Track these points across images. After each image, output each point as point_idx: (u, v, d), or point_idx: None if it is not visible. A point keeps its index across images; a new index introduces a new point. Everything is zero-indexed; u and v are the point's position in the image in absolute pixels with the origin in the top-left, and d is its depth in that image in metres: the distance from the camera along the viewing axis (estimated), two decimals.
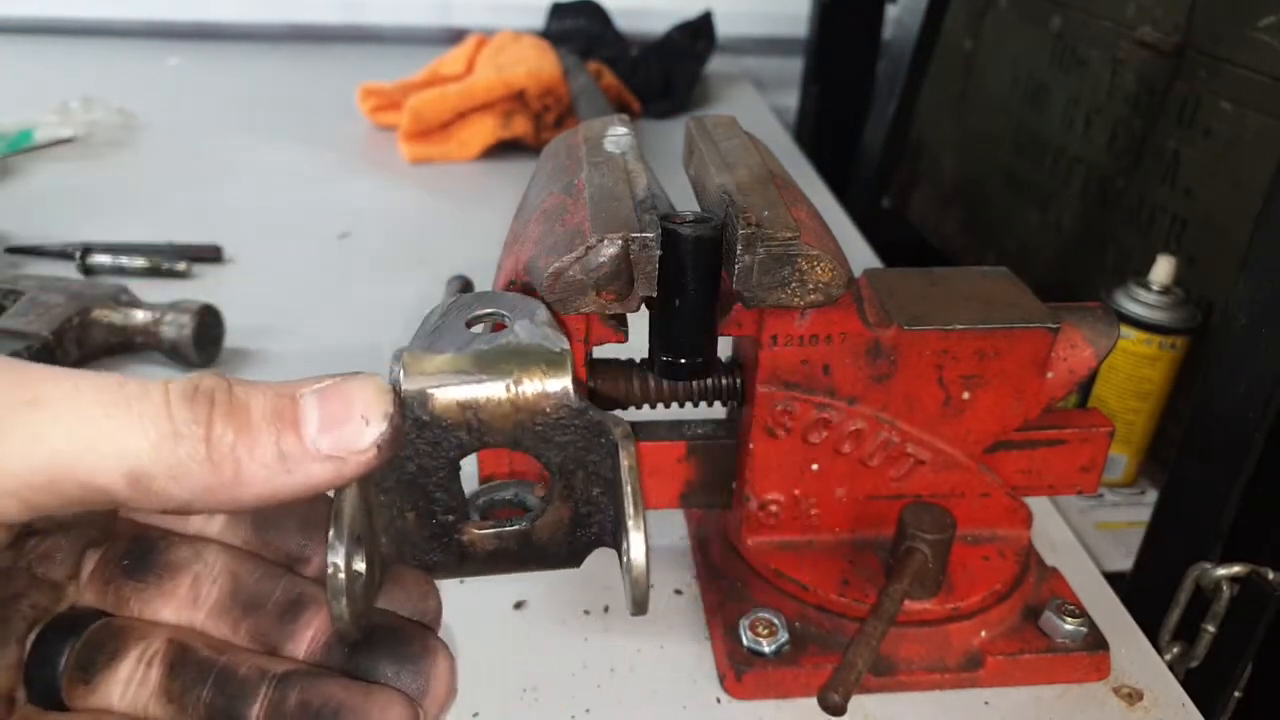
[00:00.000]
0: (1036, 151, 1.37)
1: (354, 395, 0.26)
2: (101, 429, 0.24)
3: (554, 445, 0.30)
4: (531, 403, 0.29)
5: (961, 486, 0.55)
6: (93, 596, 0.30)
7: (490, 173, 1.30)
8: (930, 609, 0.53)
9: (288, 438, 0.25)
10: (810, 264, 0.45)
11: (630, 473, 0.29)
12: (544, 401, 0.29)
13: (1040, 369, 0.52)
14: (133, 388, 0.25)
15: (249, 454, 0.25)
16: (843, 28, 1.69)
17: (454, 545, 0.32)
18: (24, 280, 0.82)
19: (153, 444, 0.24)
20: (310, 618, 0.30)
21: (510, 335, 0.30)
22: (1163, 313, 0.98)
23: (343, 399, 0.26)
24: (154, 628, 0.30)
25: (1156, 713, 0.53)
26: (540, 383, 0.29)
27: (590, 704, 0.52)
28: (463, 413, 0.29)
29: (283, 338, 0.86)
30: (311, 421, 0.26)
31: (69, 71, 1.64)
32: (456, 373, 0.29)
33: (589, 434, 0.30)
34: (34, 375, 0.24)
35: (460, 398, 0.29)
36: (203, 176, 1.23)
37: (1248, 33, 0.97)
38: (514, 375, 0.29)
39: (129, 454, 0.24)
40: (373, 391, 0.26)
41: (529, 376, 0.29)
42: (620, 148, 0.51)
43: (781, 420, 0.52)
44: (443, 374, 0.29)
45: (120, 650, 0.29)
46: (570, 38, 1.65)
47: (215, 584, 0.30)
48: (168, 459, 0.24)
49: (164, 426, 0.24)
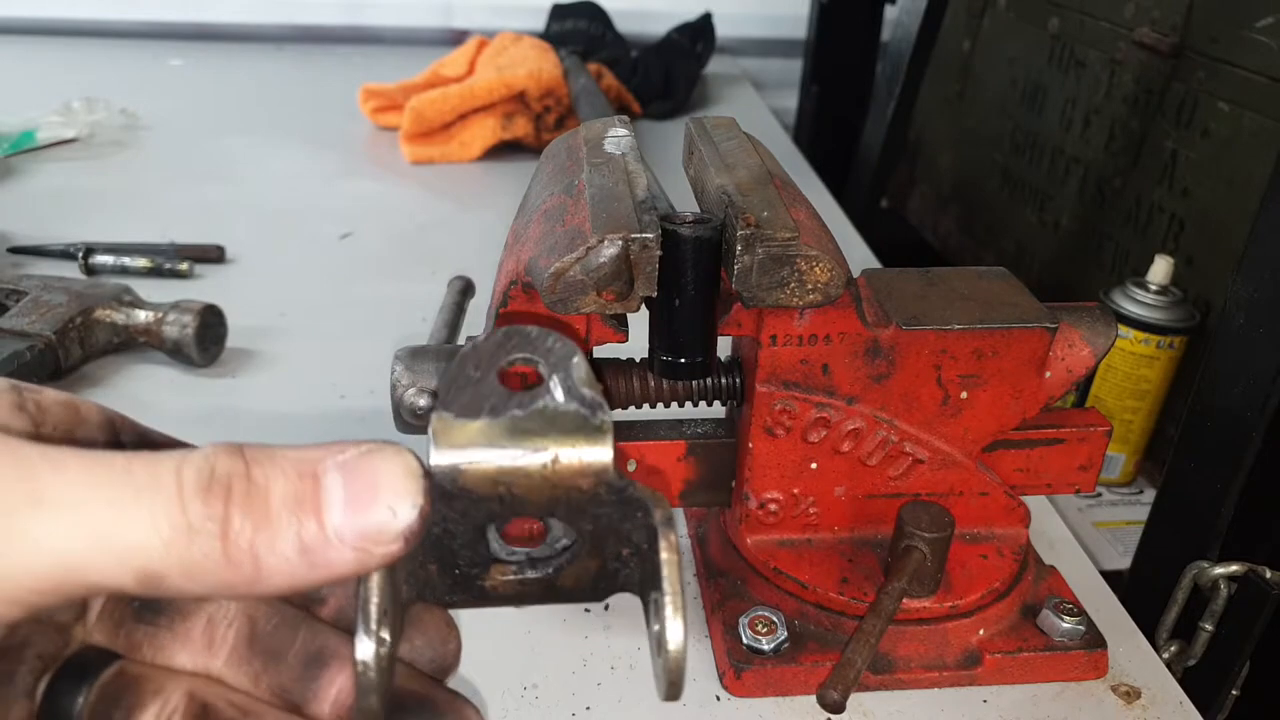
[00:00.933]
0: (1034, 152, 1.38)
1: (381, 479, 0.24)
2: (109, 526, 0.22)
3: (588, 516, 0.29)
4: (568, 479, 0.28)
5: (960, 485, 0.55)
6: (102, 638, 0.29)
7: (491, 173, 1.30)
8: (929, 607, 0.53)
9: (309, 528, 0.23)
10: (809, 264, 0.45)
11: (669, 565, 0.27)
12: (581, 479, 0.28)
13: (1038, 368, 0.52)
14: (141, 476, 0.23)
15: (269, 548, 0.23)
16: (842, 29, 1.69)
17: (475, 589, 0.31)
18: (26, 280, 0.82)
19: (165, 542, 0.22)
20: (334, 675, 0.29)
21: (546, 398, 0.28)
22: (1160, 312, 0.99)
23: (368, 482, 0.24)
24: (171, 677, 0.28)
25: (1154, 711, 0.53)
26: (579, 458, 0.27)
27: (590, 701, 0.52)
28: (495, 487, 0.27)
29: (285, 337, 0.86)
30: (335, 507, 0.24)
31: (72, 72, 1.64)
32: (489, 445, 0.27)
33: (626, 508, 0.29)
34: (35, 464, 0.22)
35: (492, 473, 0.27)
36: (205, 177, 1.23)
37: (1245, 33, 0.98)
38: (551, 451, 0.27)
39: (139, 553, 0.22)
40: (401, 476, 0.24)
41: (567, 452, 0.27)
42: (620, 149, 0.52)
43: (781, 419, 0.52)
44: (474, 446, 0.27)
45: (137, 704, 0.28)
46: (571, 39, 1.65)
47: (231, 627, 0.29)
48: (181, 557, 0.23)
49: (178, 522, 0.22)
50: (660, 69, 1.58)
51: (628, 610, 0.58)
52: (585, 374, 0.28)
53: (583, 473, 0.28)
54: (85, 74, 1.61)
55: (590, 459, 0.28)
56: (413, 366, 0.51)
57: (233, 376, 0.81)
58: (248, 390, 0.79)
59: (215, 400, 0.77)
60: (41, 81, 1.58)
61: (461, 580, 0.31)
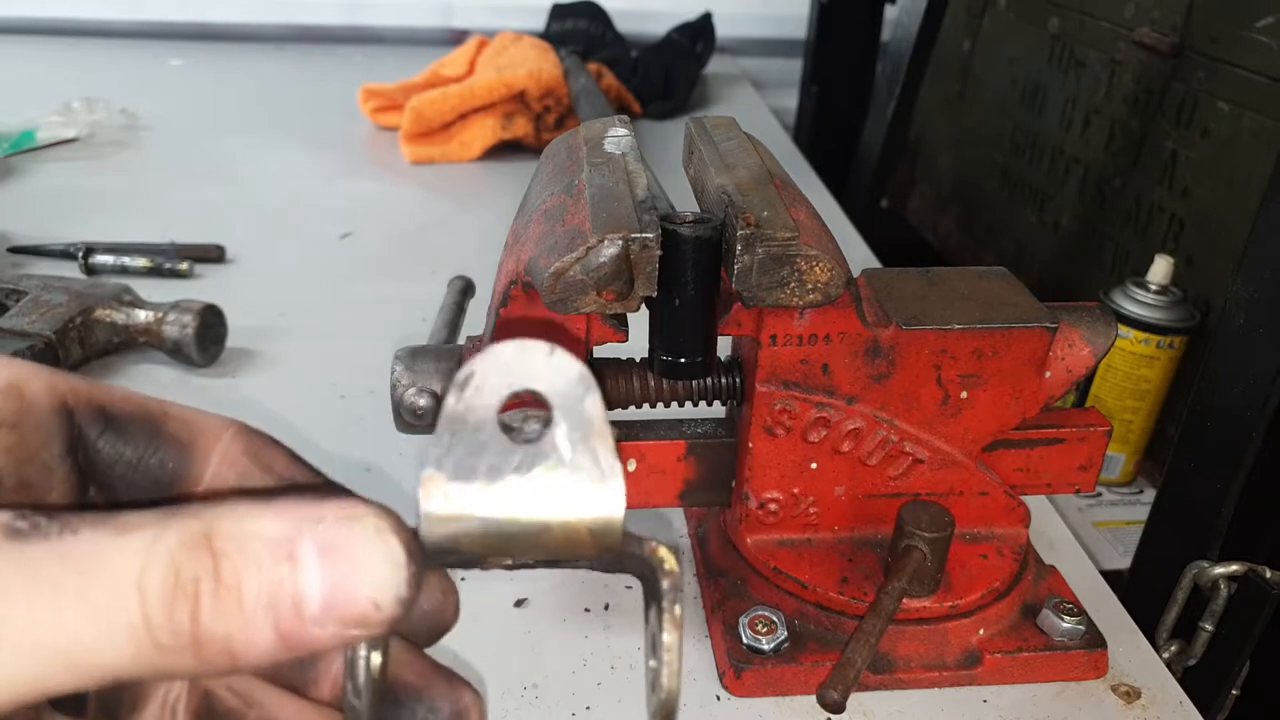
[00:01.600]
0: (1034, 152, 1.38)
1: (361, 564, 0.22)
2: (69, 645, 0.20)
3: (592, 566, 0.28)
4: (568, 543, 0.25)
5: (960, 485, 0.55)
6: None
7: (491, 173, 1.30)
8: (929, 607, 0.53)
9: (286, 622, 0.22)
10: (809, 264, 0.45)
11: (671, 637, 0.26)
12: (586, 548, 0.26)
13: (1038, 368, 0.52)
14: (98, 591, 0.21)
15: (245, 644, 0.22)
16: (842, 29, 1.69)
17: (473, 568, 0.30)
18: (26, 280, 0.82)
19: (131, 658, 0.21)
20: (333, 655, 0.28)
21: (552, 457, 0.25)
22: (1160, 312, 0.99)
23: (349, 568, 0.22)
24: None
25: (1154, 711, 0.53)
26: (585, 530, 0.25)
27: (590, 701, 0.52)
28: (489, 550, 0.25)
29: (285, 337, 0.86)
30: (313, 598, 0.22)
31: (72, 72, 1.64)
32: (484, 516, 0.25)
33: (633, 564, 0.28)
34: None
35: (490, 542, 0.25)
36: (205, 177, 1.23)
37: (1245, 33, 0.98)
38: (553, 522, 0.25)
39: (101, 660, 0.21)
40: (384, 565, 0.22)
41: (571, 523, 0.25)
42: (620, 148, 0.52)
43: (780, 419, 0.52)
44: (468, 518, 0.24)
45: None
46: (571, 39, 1.65)
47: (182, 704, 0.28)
48: (152, 665, 0.21)
49: (143, 640, 0.21)
50: (660, 69, 1.58)
51: (628, 610, 0.58)
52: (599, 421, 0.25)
53: (587, 539, 0.25)
54: (85, 74, 1.61)
55: (598, 529, 0.25)
56: (413, 366, 0.51)
57: (233, 376, 0.81)
58: (248, 390, 0.79)
59: (215, 400, 0.77)
60: (41, 81, 1.58)
61: None
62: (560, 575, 0.60)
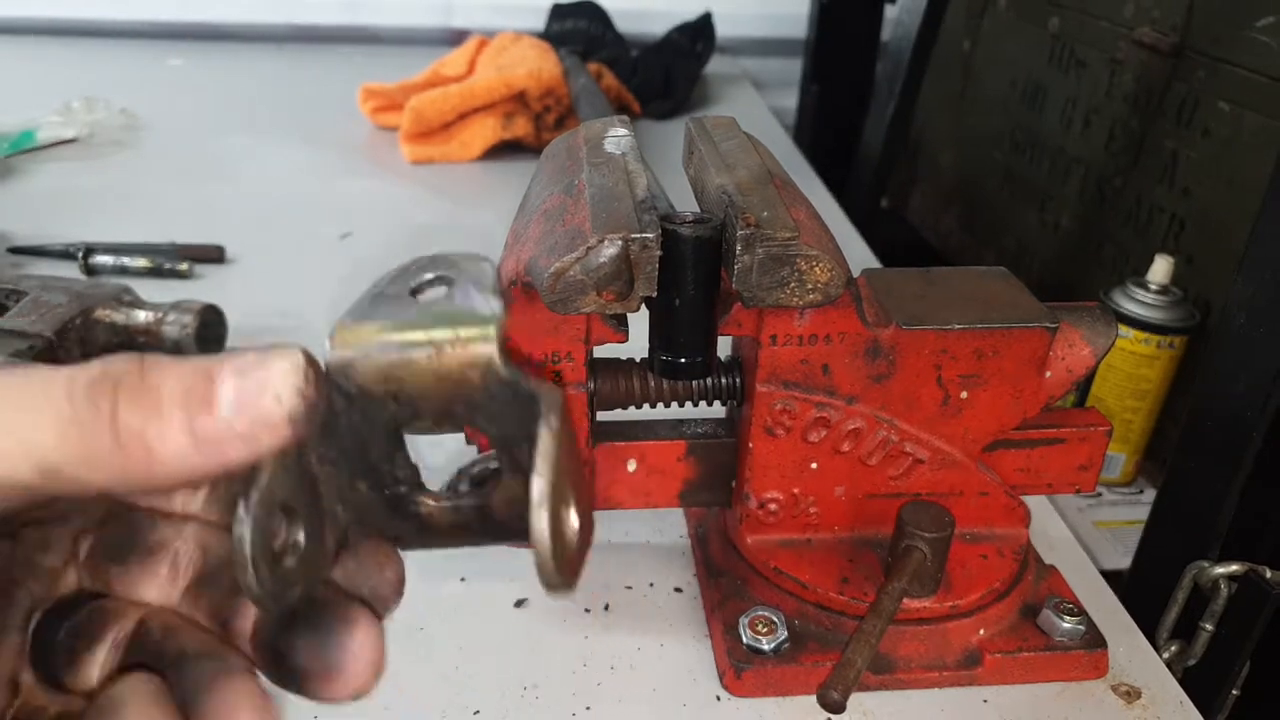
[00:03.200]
0: (1035, 151, 1.38)
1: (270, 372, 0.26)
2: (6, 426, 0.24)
3: (489, 417, 0.29)
4: (456, 373, 0.28)
5: (960, 485, 0.55)
6: (87, 580, 0.31)
7: (491, 173, 1.30)
8: (929, 607, 0.53)
9: (200, 419, 0.25)
10: (809, 264, 0.45)
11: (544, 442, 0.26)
12: (469, 372, 0.28)
13: (1038, 368, 0.52)
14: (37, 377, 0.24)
15: (159, 438, 0.24)
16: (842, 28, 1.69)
17: (413, 517, 0.31)
18: (26, 280, 0.82)
19: (58, 436, 0.24)
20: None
21: (444, 302, 0.28)
22: (1161, 312, 0.99)
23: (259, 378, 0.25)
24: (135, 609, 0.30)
25: (1154, 711, 0.53)
26: (463, 352, 0.27)
27: (590, 701, 0.52)
28: (387, 384, 0.28)
29: (285, 338, 0.85)
30: (225, 402, 0.25)
31: (71, 72, 1.64)
32: (379, 343, 0.28)
33: (524, 406, 0.28)
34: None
35: (383, 368, 0.28)
36: (205, 177, 1.23)
37: (1246, 33, 0.98)
38: (435, 344, 0.27)
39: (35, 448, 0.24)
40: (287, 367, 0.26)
41: (452, 345, 0.27)
42: (620, 148, 0.52)
43: (781, 419, 0.52)
44: (367, 344, 0.28)
45: (99, 635, 0.30)
46: (571, 39, 1.65)
47: (191, 562, 0.31)
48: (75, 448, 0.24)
49: (64, 414, 0.24)
50: (660, 69, 1.58)
51: (628, 610, 0.58)
52: (490, 280, 0.29)
53: (470, 364, 0.27)
54: (85, 74, 1.61)
55: (475, 348, 0.27)
56: None
57: None
58: None
59: None
60: (41, 81, 1.58)
61: (395, 504, 0.31)
62: None
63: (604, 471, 0.55)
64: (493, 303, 0.28)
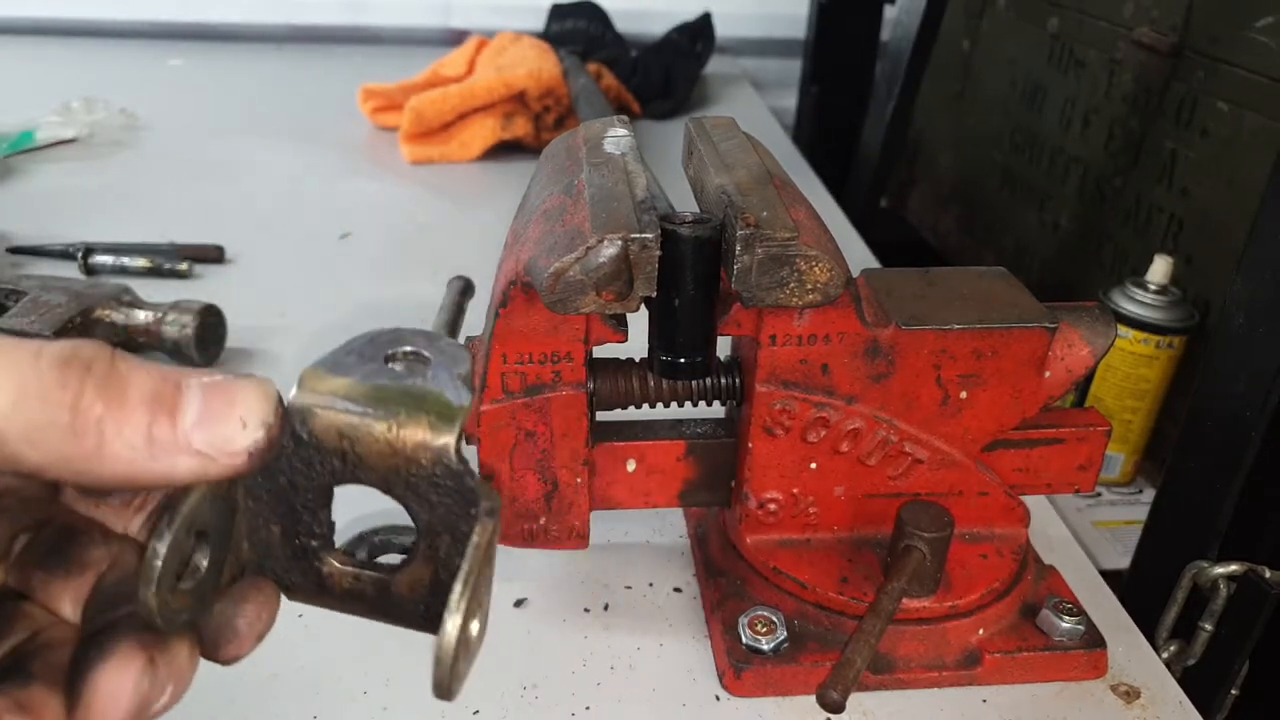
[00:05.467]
0: (1034, 151, 1.38)
1: (238, 395, 0.26)
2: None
3: (424, 501, 0.29)
4: (409, 451, 0.28)
5: (959, 485, 0.55)
6: (14, 579, 0.30)
7: (490, 173, 1.30)
8: (928, 607, 0.53)
9: (161, 423, 0.24)
10: (808, 264, 0.45)
11: (475, 550, 0.27)
12: (421, 453, 0.28)
13: (1038, 368, 0.52)
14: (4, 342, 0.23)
15: (116, 431, 0.24)
16: (841, 29, 1.69)
17: (313, 572, 0.31)
18: (26, 280, 0.82)
19: (11, 401, 0.23)
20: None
21: (418, 378, 0.29)
22: (1160, 312, 0.99)
23: (226, 397, 0.26)
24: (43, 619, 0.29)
25: (1154, 710, 0.53)
26: (423, 433, 0.28)
27: (590, 701, 0.52)
28: (340, 440, 0.28)
29: (284, 337, 0.86)
30: (190, 413, 0.25)
31: (71, 72, 1.64)
32: (345, 399, 0.28)
33: (462, 500, 0.29)
34: None
35: (340, 425, 0.28)
36: (204, 177, 1.23)
37: (1245, 33, 0.98)
38: (399, 418, 0.28)
39: None
40: (258, 396, 0.26)
41: (414, 423, 0.28)
42: (620, 149, 0.52)
43: (780, 419, 0.52)
44: (332, 397, 0.28)
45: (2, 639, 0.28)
46: (570, 39, 1.65)
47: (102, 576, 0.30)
48: (27, 418, 0.23)
49: (29, 384, 0.23)
50: (660, 69, 1.58)
51: (628, 610, 0.58)
52: (466, 370, 0.29)
53: (424, 447, 0.28)
54: (85, 74, 1.61)
55: (434, 436, 0.28)
56: None
57: None
58: None
59: None
60: (41, 81, 1.58)
61: (301, 555, 0.31)
62: (560, 575, 0.60)
63: (604, 471, 0.55)
64: (464, 394, 0.28)
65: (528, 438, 0.52)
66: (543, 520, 0.54)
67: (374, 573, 0.31)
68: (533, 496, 0.53)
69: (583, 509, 0.54)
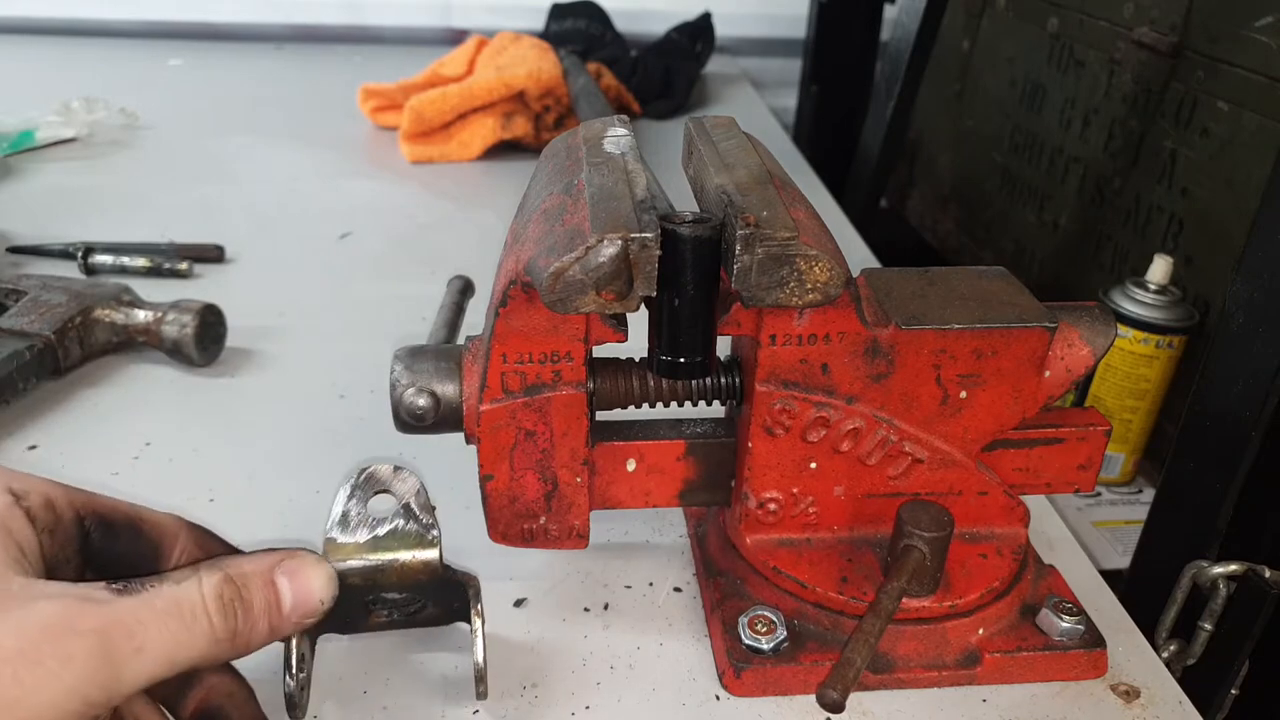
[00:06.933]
0: (1034, 151, 1.38)
1: (312, 581, 0.43)
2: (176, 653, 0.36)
3: (430, 596, 0.49)
4: (412, 573, 0.47)
5: (959, 485, 0.55)
6: None
7: (490, 173, 1.30)
8: (928, 606, 0.53)
9: (275, 618, 0.41)
10: (808, 264, 0.45)
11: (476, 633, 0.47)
12: (420, 572, 0.47)
13: (1037, 368, 0.52)
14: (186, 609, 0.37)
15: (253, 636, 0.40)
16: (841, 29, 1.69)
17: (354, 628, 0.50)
18: (26, 280, 0.82)
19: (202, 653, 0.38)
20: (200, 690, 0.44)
21: (398, 521, 0.47)
22: (1159, 312, 0.99)
23: (304, 583, 0.42)
24: None
25: (1153, 710, 0.53)
26: (417, 561, 0.47)
27: (590, 701, 0.52)
28: (365, 579, 0.47)
29: (284, 337, 0.86)
30: (287, 603, 0.41)
31: (71, 71, 1.64)
32: (362, 557, 0.46)
33: (454, 585, 0.49)
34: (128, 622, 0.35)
35: (365, 572, 0.47)
36: (204, 177, 1.23)
37: (1245, 33, 0.98)
38: (398, 557, 0.47)
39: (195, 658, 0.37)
40: (323, 579, 0.43)
41: (410, 559, 0.47)
42: (620, 148, 0.52)
43: (780, 419, 0.52)
44: (352, 558, 0.46)
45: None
46: (570, 39, 1.66)
47: None
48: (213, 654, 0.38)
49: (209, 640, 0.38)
50: (660, 69, 1.58)
51: (628, 610, 0.58)
52: (424, 501, 0.48)
53: (422, 569, 0.47)
54: (85, 74, 1.61)
55: (425, 558, 0.47)
56: (412, 366, 0.51)
57: (232, 376, 0.81)
58: (247, 390, 0.79)
59: (215, 400, 0.77)
60: (41, 81, 1.58)
61: (344, 625, 0.49)
62: (560, 574, 0.60)
63: (603, 471, 0.55)
64: (432, 524, 0.47)
65: (528, 437, 0.52)
66: (543, 520, 0.54)
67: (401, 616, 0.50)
68: (533, 496, 0.53)
69: (583, 509, 0.54)
